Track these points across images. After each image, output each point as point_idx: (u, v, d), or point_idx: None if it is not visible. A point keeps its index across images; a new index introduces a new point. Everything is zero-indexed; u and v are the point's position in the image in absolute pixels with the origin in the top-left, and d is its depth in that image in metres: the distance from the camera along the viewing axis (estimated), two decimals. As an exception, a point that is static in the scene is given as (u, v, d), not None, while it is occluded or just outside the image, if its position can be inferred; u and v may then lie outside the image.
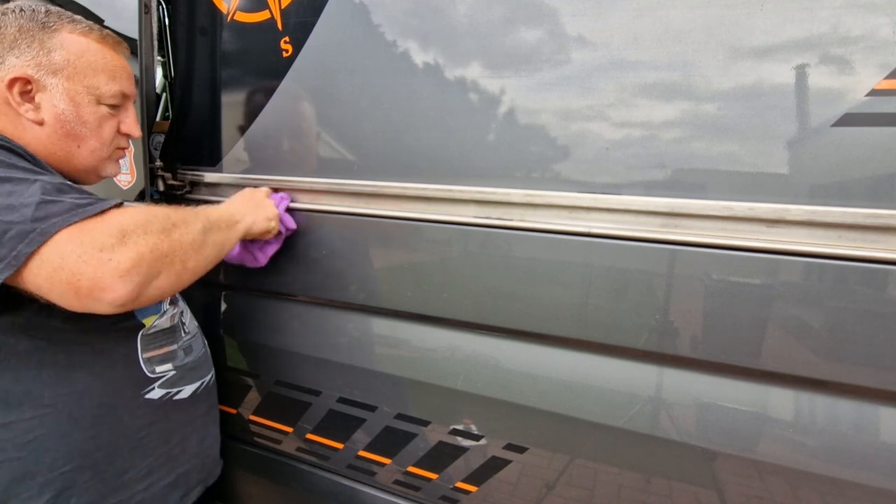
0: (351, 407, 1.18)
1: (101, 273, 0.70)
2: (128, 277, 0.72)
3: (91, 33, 0.90)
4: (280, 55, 1.11)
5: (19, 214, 0.69)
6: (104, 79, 0.90)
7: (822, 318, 0.77)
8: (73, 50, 0.87)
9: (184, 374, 1.03)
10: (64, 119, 0.87)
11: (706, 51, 0.78)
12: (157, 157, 1.30)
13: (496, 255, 0.97)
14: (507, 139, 0.93)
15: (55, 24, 0.86)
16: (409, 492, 1.18)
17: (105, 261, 0.70)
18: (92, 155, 0.92)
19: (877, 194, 0.72)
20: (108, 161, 0.96)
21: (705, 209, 0.80)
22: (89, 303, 0.71)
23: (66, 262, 0.69)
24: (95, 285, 0.70)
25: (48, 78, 0.85)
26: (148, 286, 0.75)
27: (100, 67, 0.89)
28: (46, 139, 0.87)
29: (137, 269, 0.73)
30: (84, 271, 0.69)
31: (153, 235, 0.76)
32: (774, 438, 0.83)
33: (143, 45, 1.20)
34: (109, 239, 0.71)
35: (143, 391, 0.95)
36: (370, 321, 1.16)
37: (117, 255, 0.71)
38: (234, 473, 1.41)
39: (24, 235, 0.68)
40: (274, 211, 1.09)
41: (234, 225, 0.99)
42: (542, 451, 1.00)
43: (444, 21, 0.96)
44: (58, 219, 0.70)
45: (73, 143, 0.89)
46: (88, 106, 0.89)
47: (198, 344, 1.11)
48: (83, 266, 0.69)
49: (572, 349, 0.96)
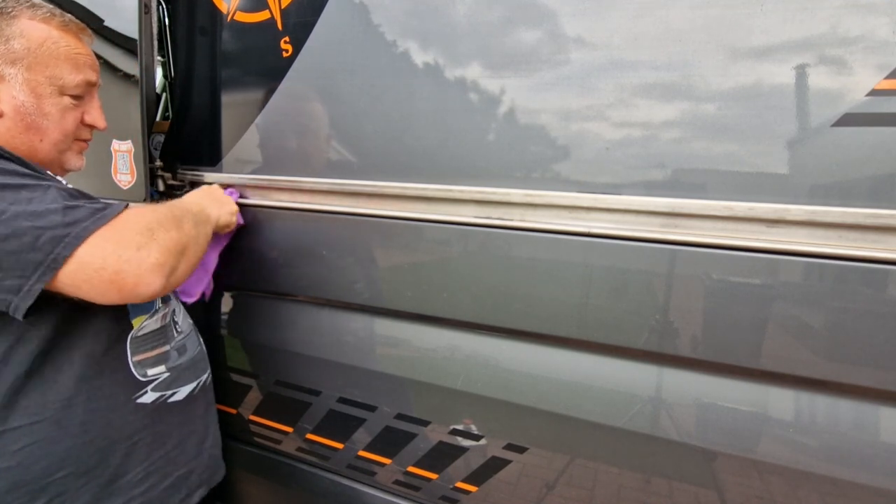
0: (351, 407, 1.18)
1: (141, 270, 0.75)
2: (161, 271, 0.77)
3: (52, 20, 0.85)
4: (280, 55, 1.11)
5: (48, 220, 0.71)
6: (67, 68, 0.85)
7: (822, 318, 0.77)
8: (34, 38, 0.82)
9: (178, 374, 1.01)
10: (24, 111, 0.83)
11: (706, 51, 0.78)
12: (157, 157, 1.30)
13: (496, 255, 0.97)
14: (507, 139, 0.93)
15: (13, 10, 0.81)
16: (409, 492, 1.18)
17: (144, 258, 0.76)
18: (55, 148, 0.88)
19: (877, 194, 0.72)
20: (71, 153, 0.92)
21: (705, 209, 0.80)
22: (131, 297, 0.77)
23: (108, 263, 0.73)
24: (140, 281, 0.75)
25: (6, 68, 0.81)
26: (173, 276, 0.81)
27: (62, 56, 0.85)
28: (6, 132, 0.83)
29: (167, 263, 0.79)
30: (127, 269, 0.74)
31: (171, 231, 0.82)
32: (774, 438, 0.83)
33: (143, 45, 1.19)
34: (142, 238, 0.77)
35: (134, 396, 0.93)
36: (370, 321, 1.16)
37: (153, 253, 0.77)
38: (235, 474, 1.40)
39: (58, 240, 0.71)
40: (234, 206, 1.12)
41: (208, 219, 1.01)
42: (542, 451, 1.00)
43: (444, 21, 0.96)
44: (87, 222, 0.74)
45: (34, 137, 0.85)
46: (50, 97, 0.85)
47: (192, 343, 1.08)
48: (125, 265, 0.74)
49: (572, 349, 0.96)
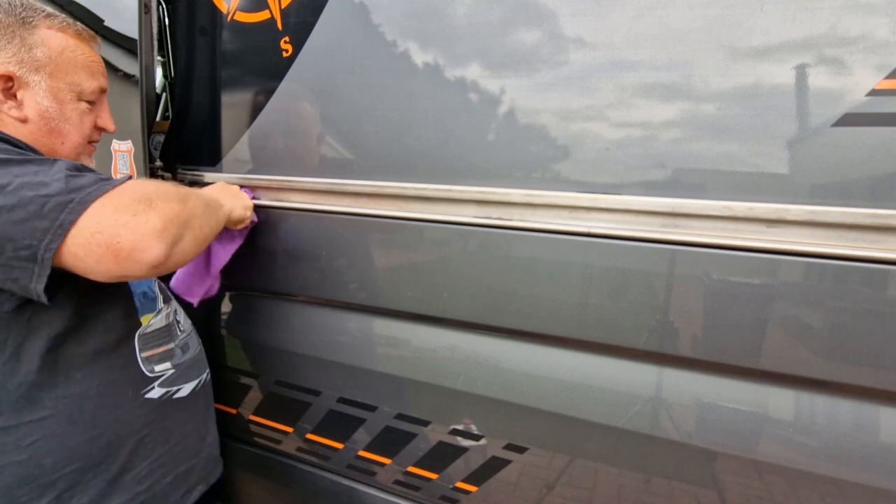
0: (351, 407, 1.18)
1: (139, 235, 0.73)
2: (161, 238, 0.75)
3: (68, 29, 0.89)
4: (280, 55, 1.11)
5: (52, 188, 0.72)
6: (84, 75, 0.90)
7: (822, 318, 0.77)
8: (54, 46, 0.86)
9: (182, 372, 1.03)
10: (48, 116, 0.87)
11: (706, 51, 0.78)
12: (157, 157, 1.30)
13: (496, 255, 0.97)
14: (507, 139, 0.93)
15: (33, 20, 0.85)
16: (409, 492, 1.18)
17: (142, 223, 0.74)
18: (73, 150, 0.93)
19: (877, 194, 0.72)
20: (85, 156, 0.97)
21: (705, 209, 0.80)
22: (128, 265, 0.74)
23: (104, 227, 0.72)
24: (136, 246, 0.73)
25: (31, 75, 0.84)
26: (176, 248, 0.79)
27: (80, 64, 0.89)
28: (30, 136, 0.86)
29: (168, 230, 0.77)
30: (123, 234, 0.72)
31: (173, 203, 0.80)
32: (774, 438, 0.83)
33: (143, 45, 1.19)
34: (140, 205, 0.75)
35: (142, 391, 0.95)
36: (370, 321, 1.16)
37: (152, 219, 0.75)
38: (235, 473, 1.41)
39: (63, 206, 0.71)
40: (249, 201, 1.13)
41: (221, 207, 1.01)
42: (542, 451, 1.00)
43: (444, 21, 0.96)
44: (91, 188, 0.74)
45: (56, 140, 0.89)
46: (70, 103, 0.89)
47: (193, 342, 1.11)
48: (122, 229, 0.72)
49: (572, 349, 0.96)
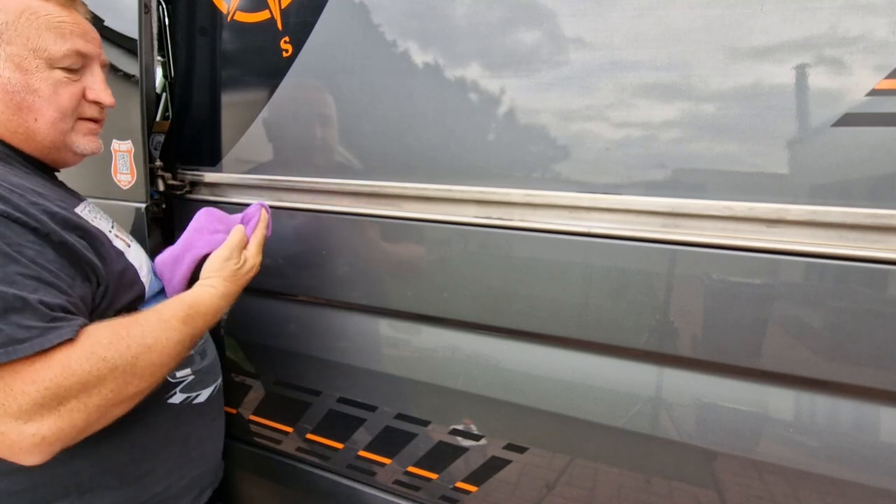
0: (351, 407, 1.18)
1: (17, 447, 0.61)
2: (49, 450, 0.64)
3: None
4: (280, 55, 1.11)
5: None
6: (51, 38, 0.78)
7: (823, 318, 0.77)
8: (12, 10, 0.75)
9: (201, 377, 1.02)
10: (11, 89, 0.76)
11: (706, 51, 0.78)
12: (157, 157, 1.30)
13: (496, 255, 0.97)
14: (507, 139, 0.93)
15: None
16: (409, 492, 1.18)
17: (27, 435, 0.61)
18: (53, 128, 0.81)
19: (877, 194, 0.72)
20: (76, 134, 0.85)
21: (705, 209, 0.80)
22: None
23: None
24: (11, 455, 0.62)
25: None
26: (77, 437, 0.67)
27: (44, 26, 0.77)
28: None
29: (62, 440, 0.64)
30: (1, 439, 0.61)
31: (99, 396, 0.66)
32: (775, 438, 0.83)
33: (143, 45, 1.19)
34: (34, 405, 0.60)
35: (165, 396, 0.93)
36: (370, 321, 1.16)
37: (42, 429, 0.61)
38: (235, 474, 1.41)
39: None
40: (255, 260, 0.98)
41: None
42: (542, 451, 1.00)
43: (444, 21, 0.96)
44: None
45: (28, 117, 0.78)
46: (38, 71, 0.77)
47: (210, 347, 1.10)
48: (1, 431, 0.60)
49: (572, 349, 0.96)
